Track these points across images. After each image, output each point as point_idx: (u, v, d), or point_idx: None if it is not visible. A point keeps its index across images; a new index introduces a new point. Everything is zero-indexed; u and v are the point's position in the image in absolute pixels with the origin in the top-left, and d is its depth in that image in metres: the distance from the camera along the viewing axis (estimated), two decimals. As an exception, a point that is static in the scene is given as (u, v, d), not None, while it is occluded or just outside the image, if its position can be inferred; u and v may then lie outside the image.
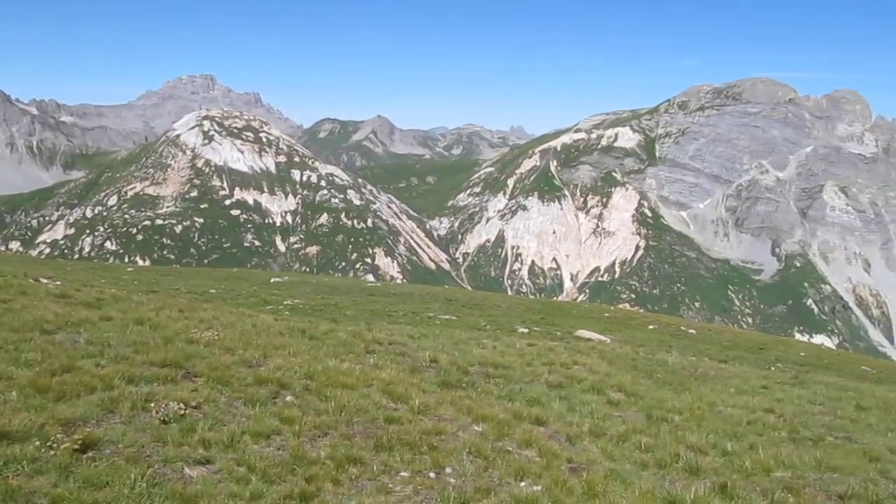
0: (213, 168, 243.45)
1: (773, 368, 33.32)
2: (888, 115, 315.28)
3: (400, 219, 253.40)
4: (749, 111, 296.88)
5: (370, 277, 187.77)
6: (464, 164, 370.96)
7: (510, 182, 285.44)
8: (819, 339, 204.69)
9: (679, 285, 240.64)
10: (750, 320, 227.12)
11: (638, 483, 10.01)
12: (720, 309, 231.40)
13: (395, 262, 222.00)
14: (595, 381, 16.77)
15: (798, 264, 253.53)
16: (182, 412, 10.32)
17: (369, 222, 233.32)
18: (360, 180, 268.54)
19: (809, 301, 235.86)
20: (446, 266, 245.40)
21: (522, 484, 9.65)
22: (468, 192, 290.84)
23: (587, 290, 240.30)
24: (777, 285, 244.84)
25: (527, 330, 38.67)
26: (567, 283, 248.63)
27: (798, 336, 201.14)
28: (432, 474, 9.70)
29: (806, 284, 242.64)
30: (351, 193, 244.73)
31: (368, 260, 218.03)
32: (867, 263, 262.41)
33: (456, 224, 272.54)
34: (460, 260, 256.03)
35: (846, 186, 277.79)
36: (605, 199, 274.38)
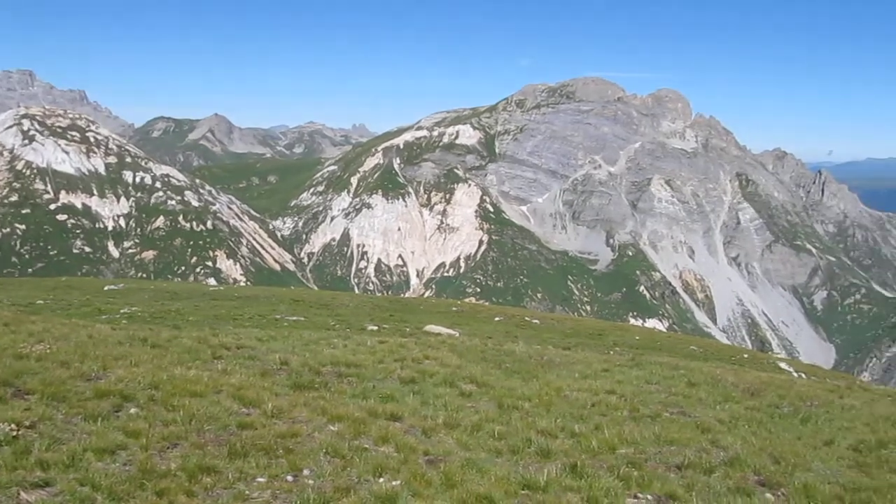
0: (35, 170, 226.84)
1: (612, 352, 35.05)
2: (706, 113, 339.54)
3: (241, 220, 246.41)
4: (582, 109, 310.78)
5: (212, 281, 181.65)
6: (306, 162, 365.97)
7: (354, 180, 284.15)
8: (651, 322, 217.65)
9: (522, 277, 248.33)
10: (589, 308, 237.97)
11: (494, 470, 10.26)
12: (561, 298, 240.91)
13: (238, 264, 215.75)
14: (447, 374, 17.02)
15: (630, 253, 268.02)
16: (14, 433, 9.62)
17: (209, 224, 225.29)
18: (197, 181, 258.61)
19: (641, 287, 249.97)
20: (291, 267, 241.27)
21: (382, 480, 9.67)
22: (311, 191, 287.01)
23: (434, 286, 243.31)
24: (612, 274, 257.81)
25: (376, 327, 38.72)
26: (413, 280, 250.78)
27: (633, 321, 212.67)
28: (290, 477, 9.55)
29: (638, 272, 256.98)
30: (189, 195, 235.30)
31: (209, 263, 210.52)
32: (691, 250, 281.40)
33: (300, 224, 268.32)
34: (306, 260, 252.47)
35: (671, 179, 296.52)
36: (448, 196, 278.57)
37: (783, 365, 51.86)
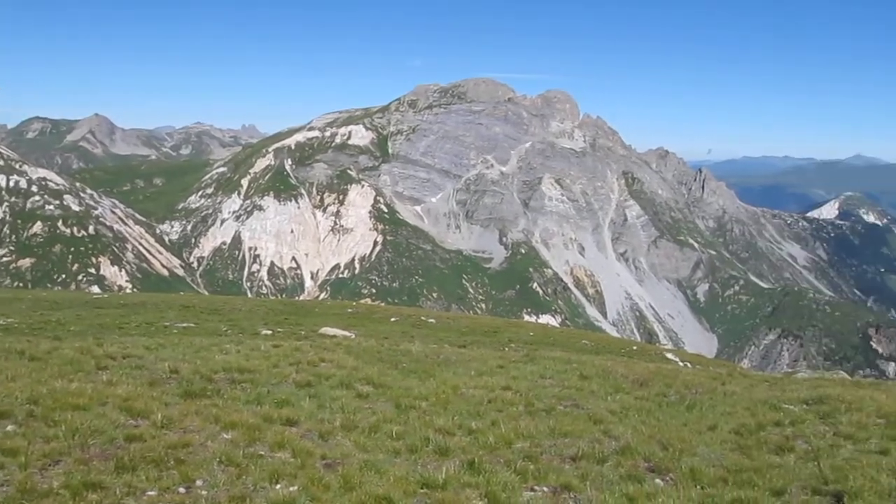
0: None
1: (507, 349, 35.60)
2: (593, 113, 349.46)
3: (126, 224, 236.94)
4: (473, 109, 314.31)
5: (95, 289, 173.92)
6: (194, 164, 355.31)
7: (244, 182, 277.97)
8: (545, 318, 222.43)
9: (417, 277, 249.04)
10: (484, 306, 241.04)
11: (392, 470, 10.24)
12: (456, 297, 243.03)
13: (124, 270, 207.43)
14: (343, 376, 16.88)
15: (523, 251, 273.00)
16: None
17: (91, 229, 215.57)
18: (78, 184, 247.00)
19: (535, 284, 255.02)
20: (180, 272, 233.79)
21: (278, 486, 9.49)
22: (200, 193, 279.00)
23: (328, 288, 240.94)
24: (506, 272, 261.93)
25: (270, 331, 38.03)
26: (308, 282, 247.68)
27: (527, 317, 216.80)
28: (182, 489, 9.24)
29: (531, 269, 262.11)
30: (68, 199, 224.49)
31: (92, 270, 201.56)
32: (581, 247, 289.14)
33: (189, 227, 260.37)
34: (195, 265, 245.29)
35: (561, 178, 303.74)
36: (341, 197, 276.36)
37: (670, 355, 53.93)
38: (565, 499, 9.76)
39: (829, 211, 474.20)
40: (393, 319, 54.50)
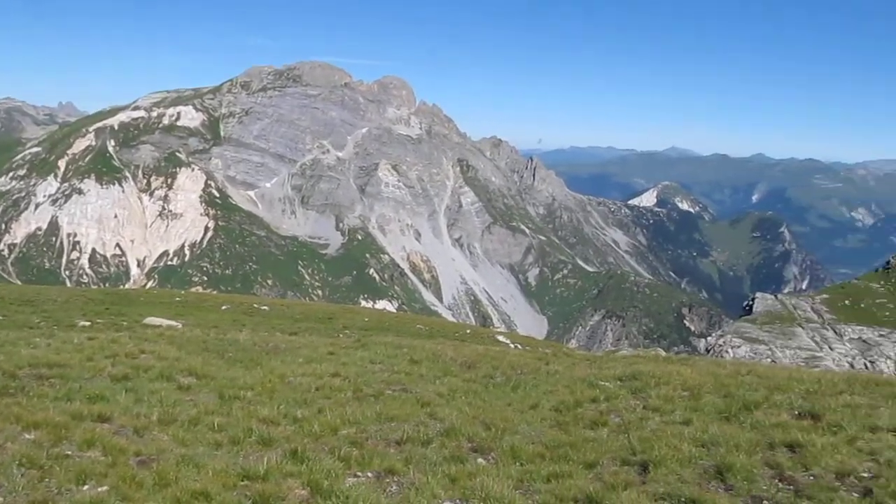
0: None
1: (341, 336, 35.42)
2: (429, 101, 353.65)
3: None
4: (309, 93, 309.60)
5: None
6: (4, 143, 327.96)
7: (62, 163, 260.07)
8: (382, 304, 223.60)
9: (251, 264, 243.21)
10: (320, 292, 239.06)
11: (212, 464, 9.89)
12: (292, 284, 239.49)
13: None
14: (164, 367, 16.16)
15: (360, 237, 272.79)
16: None
17: None
18: None
19: (371, 270, 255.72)
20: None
21: (85, 487, 8.93)
22: (11, 175, 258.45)
23: (156, 276, 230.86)
24: (342, 258, 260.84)
25: (88, 323, 35.88)
26: (134, 270, 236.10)
27: (364, 303, 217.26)
28: (-26, 497, 8.51)
29: (368, 255, 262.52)
30: None
31: None
32: (418, 233, 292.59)
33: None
34: (6, 252, 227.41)
35: (397, 164, 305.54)
36: (170, 181, 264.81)
37: (501, 338, 55.64)
38: (388, 483, 9.80)
39: (648, 199, 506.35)
40: (224, 308, 52.90)
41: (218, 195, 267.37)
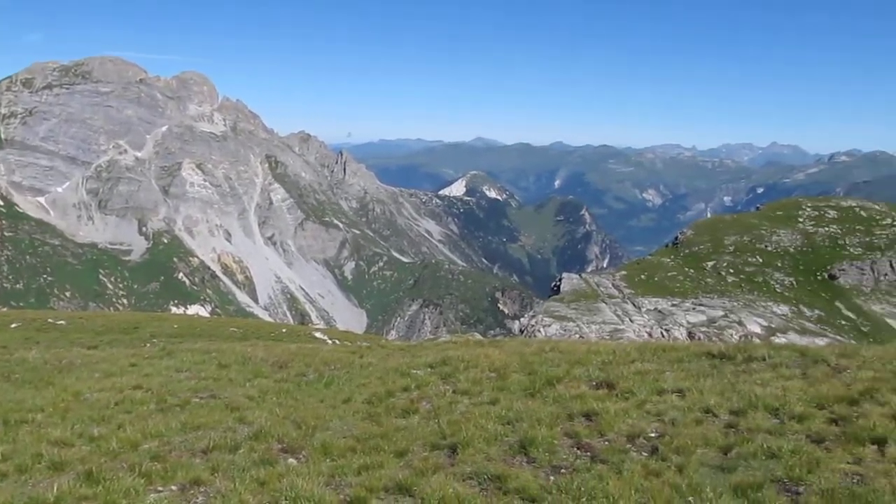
0: None
1: (147, 345, 33.70)
2: (232, 97, 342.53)
3: None
4: (101, 90, 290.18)
5: None
6: None
7: None
8: (194, 309, 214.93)
9: (45, 276, 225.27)
10: (126, 301, 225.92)
11: (-6, 497, 9.12)
12: (94, 295, 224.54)
13: None
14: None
15: (166, 241, 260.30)
16: None
17: None
18: None
19: (181, 275, 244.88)
20: None
21: None
22: None
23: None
24: (148, 263, 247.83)
25: None
26: None
27: (174, 309, 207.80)
28: None
29: (175, 259, 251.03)
30: None
31: None
32: (228, 233, 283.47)
33: None
34: None
35: (202, 163, 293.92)
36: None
37: (318, 335, 55.19)
38: (194, 494, 9.44)
39: (457, 189, 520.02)
40: (14, 326, 48.71)
41: (2, 203, 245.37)
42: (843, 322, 74.70)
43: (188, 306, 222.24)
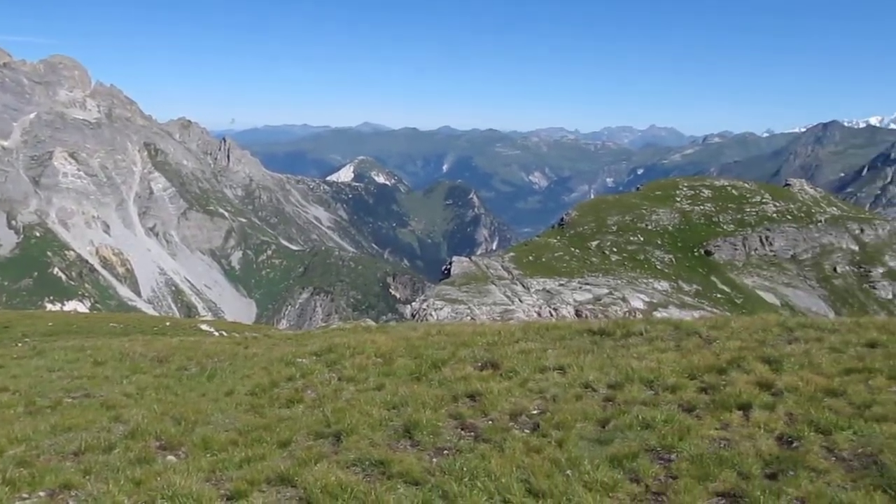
0: None
1: (19, 345, 31.97)
2: (106, 82, 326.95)
3: None
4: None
5: None
6: None
7: None
8: (71, 305, 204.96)
9: None
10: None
11: None
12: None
13: None
14: None
15: (38, 234, 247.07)
16: None
17: None
18: None
19: (56, 270, 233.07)
20: None
21: None
22: None
23: None
24: (19, 259, 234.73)
25: None
26: None
27: (50, 306, 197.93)
28: None
29: (49, 253, 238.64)
30: None
31: None
32: (106, 225, 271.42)
33: None
34: None
35: (75, 152, 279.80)
36: None
37: (205, 326, 53.72)
38: (63, 499, 9.00)
39: (345, 174, 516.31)
40: None
41: None
42: (719, 295, 78.72)
43: (65, 303, 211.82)
